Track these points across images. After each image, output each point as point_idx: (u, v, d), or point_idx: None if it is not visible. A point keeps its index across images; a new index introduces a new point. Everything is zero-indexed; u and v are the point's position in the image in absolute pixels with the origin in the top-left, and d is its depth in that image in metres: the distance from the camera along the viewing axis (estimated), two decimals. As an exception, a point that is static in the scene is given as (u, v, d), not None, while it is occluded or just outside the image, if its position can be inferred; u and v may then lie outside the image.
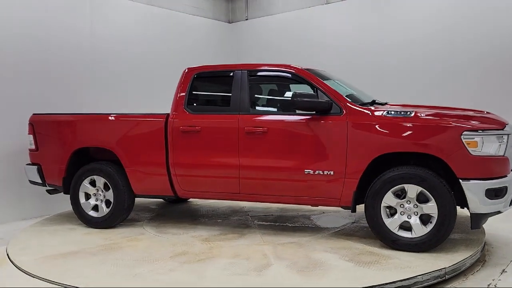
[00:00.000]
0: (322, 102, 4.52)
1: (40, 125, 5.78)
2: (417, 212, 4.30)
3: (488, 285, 3.80)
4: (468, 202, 4.13)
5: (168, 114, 5.20)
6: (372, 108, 4.63)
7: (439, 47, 7.52)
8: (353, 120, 4.48)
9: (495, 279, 3.91)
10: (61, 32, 7.07)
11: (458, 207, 4.29)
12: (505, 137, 4.22)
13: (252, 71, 5.07)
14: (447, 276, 3.86)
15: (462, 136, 4.12)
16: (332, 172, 4.53)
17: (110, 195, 5.43)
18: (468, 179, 4.12)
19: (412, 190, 4.26)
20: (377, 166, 4.45)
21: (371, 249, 4.38)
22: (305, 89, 4.90)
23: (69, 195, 5.72)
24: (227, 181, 4.95)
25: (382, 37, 8.11)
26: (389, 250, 4.32)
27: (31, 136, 5.83)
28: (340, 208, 5.92)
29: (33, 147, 5.82)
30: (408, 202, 4.32)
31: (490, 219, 4.38)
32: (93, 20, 7.57)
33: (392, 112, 4.46)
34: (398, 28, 7.98)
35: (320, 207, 6.30)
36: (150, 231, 5.32)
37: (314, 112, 4.61)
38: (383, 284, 3.52)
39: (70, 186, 5.68)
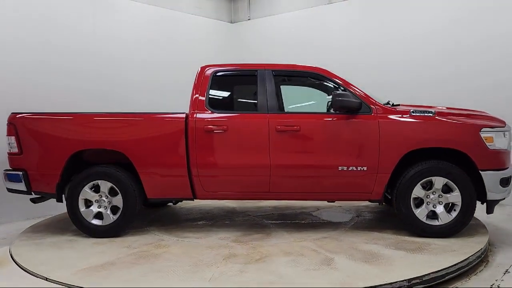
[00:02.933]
0: (358, 102, 4.80)
1: (26, 125, 5.16)
2: (441, 202, 4.80)
3: (491, 285, 3.85)
4: (486, 190, 4.73)
5: (186, 114, 5.05)
6: (394, 108, 5.04)
7: (442, 47, 7.51)
8: (384, 118, 4.82)
9: (498, 280, 3.97)
10: (64, 33, 7.20)
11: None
12: (507, 133, 4.93)
13: (277, 71, 5.15)
14: (482, 256, 4.41)
15: (481, 133, 4.73)
16: (365, 168, 4.82)
17: (118, 200, 5.06)
18: (487, 170, 4.74)
19: (439, 181, 4.74)
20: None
21: (404, 238, 4.75)
22: (329, 89, 5.17)
23: (59, 202, 5.27)
24: (257, 180, 4.95)
25: (385, 37, 8.11)
26: (418, 238, 4.72)
27: (13, 137, 5.16)
28: (333, 203, 6.39)
29: (16, 150, 5.17)
30: (434, 193, 4.80)
31: (493, 219, 5.03)
32: (95, 21, 7.64)
33: (416, 112, 4.90)
34: (401, 28, 7.97)
35: (311, 203, 6.66)
36: (167, 236, 5.07)
37: (345, 112, 4.87)
38: (450, 266, 3.89)
39: (63, 193, 5.23)
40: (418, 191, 4.78)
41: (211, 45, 9.45)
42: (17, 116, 5.19)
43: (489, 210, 4.87)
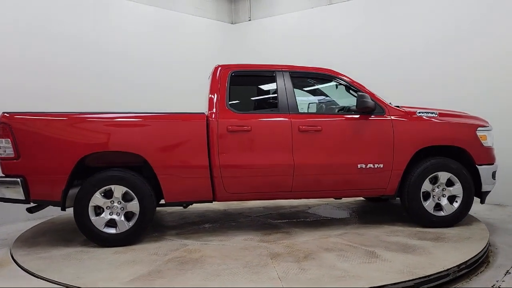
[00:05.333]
0: (374, 103, 5.07)
1: (27, 127, 4.60)
2: (445, 195, 5.25)
3: (492, 286, 3.81)
4: (482, 183, 5.28)
5: (205, 114, 4.91)
6: (402, 109, 5.39)
7: (443, 48, 7.50)
8: (396, 119, 5.15)
9: (499, 281, 3.92)
10: (64, 34, 7.24)
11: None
12: (492, 132, 5.56)
13: (293, 72, 5.23)
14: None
15: (477, 131, 5.28)
16: (382, 165, 5.09)
17: (133, 206, 4.74)
18: (482, 165, 5.30)
19: (444, 176, 5.17)
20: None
21: (416, 229, 5.07)
22: (342, 91, 5.38)
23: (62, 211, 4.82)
24: (280, 180, 4.95)
25: (385, 37, 8.07)
26: (427, 229, 5.09)
27: (8, 140, 4.58)
28: (320, 201, 6.63)
29: (11, 154, 4.59)
30: (438, 186, 5.24)
31: (494, 220, 5.48)
32: (96, 21, 7.67)
33: (422, 112, 5.32)
34: (402, 29, 7.93)
35: (300, 202, 6.83)
36: (187, 241, 4.83)
37: (361, 112, 5.12)
38: (481, 251, 4.30)
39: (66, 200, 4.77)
40: (426, 185, 5.16)
41: (212, 45, 9.34)
42: (14, 116, 4.62)
43: (483, 201, 5.42)
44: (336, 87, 5.37)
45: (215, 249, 4.54)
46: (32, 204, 4.85)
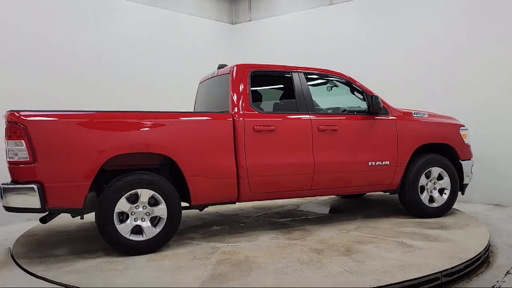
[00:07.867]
0: (383, 104, 5.38)
1: (43, 127, 4.08)
2: (436, 188, 5.73)
3: (493, 286, 3.75)
4: (464, 176, 5.85)
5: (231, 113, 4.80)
6: (400, 110, 5.76)
7: (444, 49, 7.37)
8: (398, 119, 5.51)
9: (500, 281, 3.86)
10: (64, 35, 7.21)
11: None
12: (468, 131, 6.18)
13: (308, 73, 5.30)
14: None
15: (460, 130, 5.86)
16: (388, 162, 5.39)
17: (160, 210, 4.43)
18: (465, 160, 5.88)
19: (436, 171, 5.64)
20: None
21: (418, 220, 5.44)
22: (346, 91, 5.59)
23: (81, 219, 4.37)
24: (302, 178, 4.98)
25: (386, 38, 7.97)
26: (424, 219, 5.51)
27: (22, 142, 4.02)
28: (304, 199, 6.85)
29: (26, 157, 4.04)
30: (431, 180, 5.70)
31: (494, 220, 5.91)
32: (96, 22, 7.58)
33: (417, 113, 5.73)
34: (402, 29, 7.81)
35: (288, 201, 6.93)
36: (214, 244, 4.63)
37: (367, 113, 5.39)
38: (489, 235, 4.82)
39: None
40: (422, 179, 5.59)
41: (212, 46, 9.06)
42: (30, 115, 4.06)
43: (463, 192, 6.00)
44: (330, 89, 5.56)
45: (254, 249, 4.43)
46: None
